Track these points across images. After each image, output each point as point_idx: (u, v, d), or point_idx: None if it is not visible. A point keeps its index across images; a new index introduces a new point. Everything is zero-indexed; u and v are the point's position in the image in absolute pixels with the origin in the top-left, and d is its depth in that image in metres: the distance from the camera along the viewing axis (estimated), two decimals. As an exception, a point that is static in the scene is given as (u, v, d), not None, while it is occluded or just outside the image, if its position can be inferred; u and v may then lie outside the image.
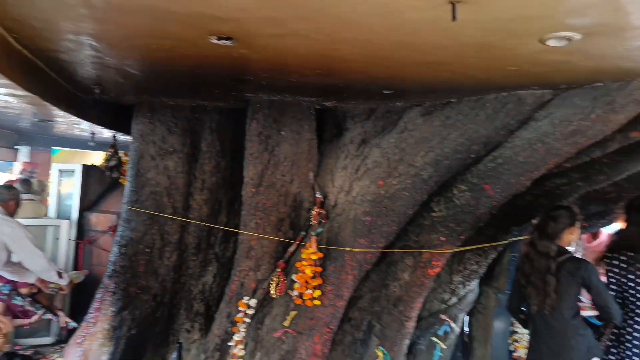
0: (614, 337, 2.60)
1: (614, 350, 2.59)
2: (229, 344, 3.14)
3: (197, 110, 3.51)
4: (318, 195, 3.19)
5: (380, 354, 3.15)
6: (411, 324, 3.33)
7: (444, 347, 3.56)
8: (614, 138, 2.47)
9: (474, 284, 3.60)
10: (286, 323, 3.02)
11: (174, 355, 3.42)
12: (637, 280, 2.49)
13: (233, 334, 3.14)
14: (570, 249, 2.73)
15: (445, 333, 3.55)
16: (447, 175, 2.82)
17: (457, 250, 3.08)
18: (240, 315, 3.12)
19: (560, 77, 2.22)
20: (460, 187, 2.85)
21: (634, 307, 2.50)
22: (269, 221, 3.16)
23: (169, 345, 3.60)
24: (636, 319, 2.48)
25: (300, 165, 3.18)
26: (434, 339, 3.55)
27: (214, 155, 3.53)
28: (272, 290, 3.08)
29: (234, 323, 3.17)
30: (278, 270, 3.12)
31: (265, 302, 3.19)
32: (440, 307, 3.61)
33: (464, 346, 3.92)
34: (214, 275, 3.72)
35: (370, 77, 2.43)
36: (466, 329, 4.02)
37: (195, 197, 3.56)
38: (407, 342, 3.37)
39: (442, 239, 3.01)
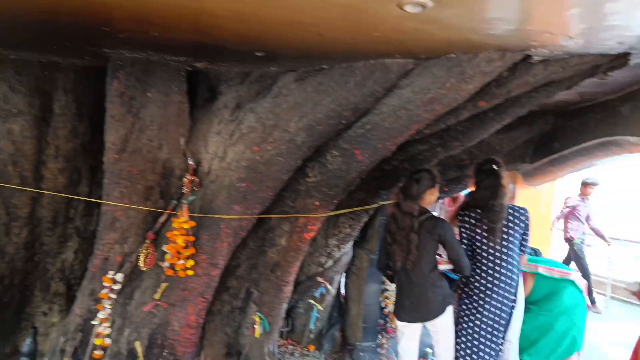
0: (463, 286, 2.92)
1: (464, 296, 2.91)
2: (93, 323, 2.90)
3: (47, 67, 3.07)
4: (190, 161, 3.04)
5: (257, 319, 3.17)
6: (289, 289, 3.40)
7: (320, 308, 3.71)
8: (465, 107, 2.71)
9: (348, 247, 3.79)
10: (157, 296, 2.88)
11: (28, 341, 3.07)
12: (484, 234, 2.81)
13: (97, 312, 2.90)
14: (435, 213, 2.99)
15: (322, 295, 3.70)
16: (320, 141, 2.87)
17: (331, 214, 3.18)
18: (105, 291, 2.89)
19: (420, 46, 2.35)
20: (332, 153, 2.92)
21: (480, 258, 2.83)
22: (135, 190, 2.93)
23: (21, 331, 3.21)
24: (482, 267, 2.81)
25: (170, 130, 2.99)
26: (311, 301, 3.68)
27: (69, 118, 3.15)
28: (141, 263, 2.90)
29: (98, 300, 2.93)
30: (147, 241, 2.93)
31: (133, 276, 2.99)
32: (317, 270, 3.75)
33: (340, 306, 4.13)
34: (75, 252, 3.38)
35: (240, 36, 2.33)
36: (342, 289, 4.24)
37: (48, 166, 3.16)
38: (285, 306, 3.44)
39: (317, 203, 3.09)
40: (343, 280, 4.23)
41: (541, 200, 4.87)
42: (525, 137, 4.02)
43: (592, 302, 6.12)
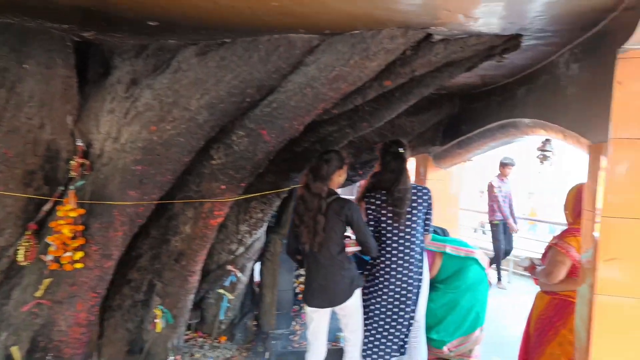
0: (369, 267, 2.92)
1: (372, 278, 2.91)
2: (-39, 328, 2.54)
3: None
4: (79, 143, 2.74)
5: (159, 312, 2.96)
6: (195, 278, 3.22)
7: (231, 297, 3.56)
8: (371, 86, 2.68)
9: (260, 232, 3.66)
10: (38, 293, 2.57)
11: None
12: (389, 215, 2.82)
13: (-33, 315, 2.55)
14: (352, 197, 2.95)
15: (232, 283, 3.55)
16: (223, 120, 2.71)
17: (238, 198, 3.04)
18: (-26, 291, 2.53)
19: (323, 21, 2.26)
20: (238, 133, 2.77)
21: (385, 239, 2.83)
22: (12, 175, 2.59)
23: None
24: (388, 248, 2.83)
25: (54, 108, 2.67)
26: (221, 290, 3.52)
27: None
28: (20, 258, 2.57)
29: (-32, 302, 2.57)
30: (28, 233, 2.61)
31: (12, 272, 2.66)
32: (228, 258, 3.59)
33: (253, 294, 4.01)
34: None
35: (128, 0, 2.10)
36: (259, 276, 4.13)
37: None
38: (191, 297, 3.26)
39: (223, 187, 2.92)
40: (258, 267, 4.12)
41: (451, 181, 5.07)
42: (434, 120, 4.13)
43: (499, 279, 6.54)
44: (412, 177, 2.90)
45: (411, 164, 5.11)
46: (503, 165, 6.37)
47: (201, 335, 3.68)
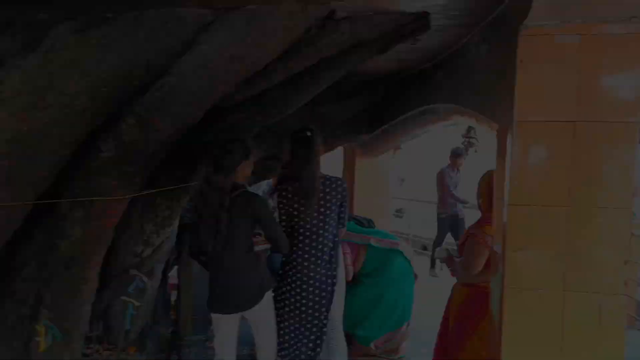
0: (283, 265, 2.71)
1: (284, 277, 2.70)
2: None
3: None
4: None
5: (41, 329, 2.60)
6: (91, 286, 2.87)
7: (137, 304, 3.23)
8: (276, 68, 2.45)
9: (169, 231, 3.35)
10: None
11: None
12: (301, 208, 2.62)
13: None
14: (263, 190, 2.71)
15: (137, 289, 3.22)
16: (109, 107, 2.38)
17: (134, 195, 2.72)
18: None
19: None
20: (128, 122, 2.46)
21: (297, 235, 2.63)
22: None
23: None
24: (299, 245, 2.63)
25: None
26: (125, 298, 3.18)
27: None
28: None
29: None
30: None
31: None
32: (134, 261, 3.27)
33: (166, 298, 3.70)
34: None
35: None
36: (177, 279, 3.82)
37: None
38: (87, 308, 2.91)
39: (115, 183, 2.60)
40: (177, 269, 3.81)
41: (380, 170, 4.96)
42: (358, 107, 3.99)
43: (433, 265, 6.58)
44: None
45: (335, 153, 4.95)
46: (455, 155, 6.21)
47: (107, 347, 3.33)
